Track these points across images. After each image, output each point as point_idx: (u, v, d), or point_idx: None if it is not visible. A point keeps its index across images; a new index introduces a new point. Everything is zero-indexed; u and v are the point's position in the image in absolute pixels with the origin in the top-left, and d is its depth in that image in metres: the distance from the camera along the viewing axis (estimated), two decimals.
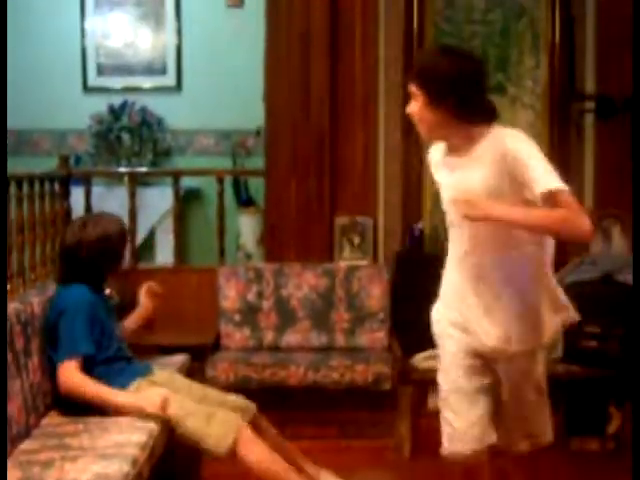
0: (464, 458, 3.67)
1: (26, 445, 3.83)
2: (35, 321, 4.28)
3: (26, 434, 3.93)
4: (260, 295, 5.68)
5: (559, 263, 5.67)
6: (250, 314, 5.66)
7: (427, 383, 5.18)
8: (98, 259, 4.33)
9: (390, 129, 5.89)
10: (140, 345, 5.48)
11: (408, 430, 5.12)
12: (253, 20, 6.29)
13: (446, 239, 5.43)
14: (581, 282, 5.32)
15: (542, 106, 5.94)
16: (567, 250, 5.82)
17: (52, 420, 4.20)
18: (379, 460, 5.11)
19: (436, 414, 5.10)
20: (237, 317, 5.66)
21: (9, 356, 3.84)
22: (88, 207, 6.10)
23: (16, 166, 6.41)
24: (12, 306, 4.11)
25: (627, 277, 5.24)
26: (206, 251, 6.75)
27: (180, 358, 5.20)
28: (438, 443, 5.06)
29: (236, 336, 5.68)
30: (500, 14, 5.92)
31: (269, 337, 5.62)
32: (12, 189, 4.99)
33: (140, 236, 6.39)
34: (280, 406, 5.15)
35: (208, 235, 6.64)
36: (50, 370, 4.27)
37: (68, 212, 5.94)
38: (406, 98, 5.65)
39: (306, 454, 4.95)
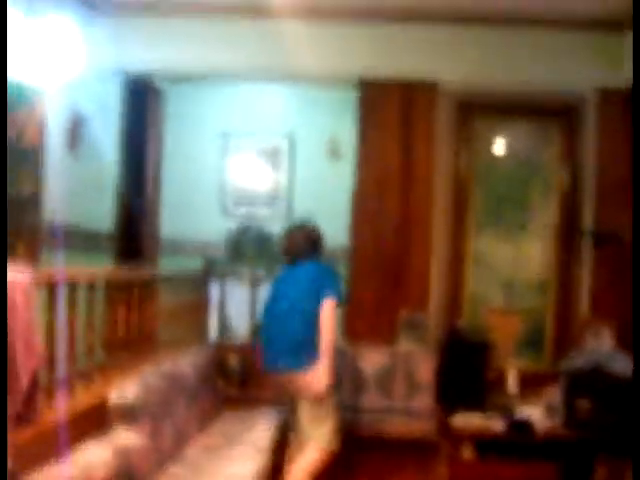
0: None
1: (173, 470, 3.90)
2: (183, 378, 4.42)
3: (172, 461, 4.00)
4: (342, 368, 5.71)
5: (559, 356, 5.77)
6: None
7: (461, 437, 5.26)
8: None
9: (441, 252, 5.97)
10: (252, 399, 5.67)
11: (446, 473, 5.11)
12: (348, 170, 6.37)
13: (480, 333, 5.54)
14: (576, 369, 5.36)
15: (553, 238, 6.03)
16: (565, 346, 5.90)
17: (192, 452, 4.27)
18: None
19: (468, 462, 5.21)
20: None
21: (164, 405, 4.03)
22: (222, 298, 6.23)
23: (171, 265, 6.70)
24: (168, 368, 4.30)
25: (612, 368, 5.28)
26: None
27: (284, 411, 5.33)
28: None
29: None
30: (525, 171, 6.09)
31: (346, 398, 5.55)
32: (166, 284, 5.12)
33: (256, 320, 6.51)
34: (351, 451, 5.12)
35: None
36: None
37: (207, 301, 6.07)
38: (454, 230, 5.95)
39: None
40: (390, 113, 5.91)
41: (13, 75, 4.62)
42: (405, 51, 5.92)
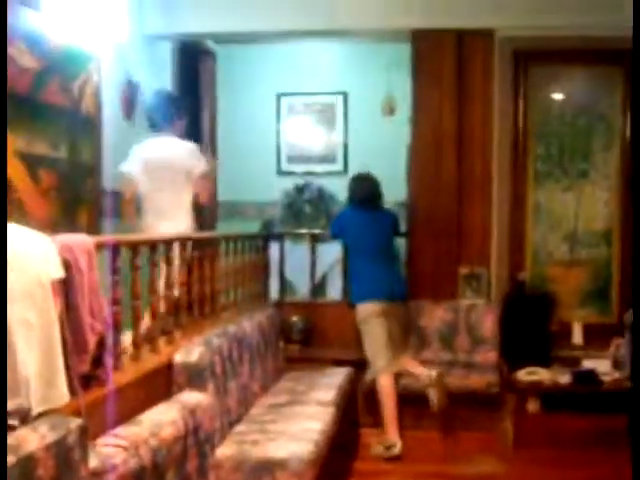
0: None
1: (239, 428, 3.97)
2: (246, 339, 4.43)
3: (238, 420, 4.08)
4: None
5: (625, 307, 5.64)
6: None
7: (526, 391, 5.25)
8: None
9: (500, 205, 5.90)
10: (316, 358, 5.71)
11: (511, 426, 5.14)
12: (402, 125, 6.38)
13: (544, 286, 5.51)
14: None
15: (616, 187, 5.88)
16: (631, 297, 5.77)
17: (257, 410, 4.34)
18: (489, 448, 5.10)
19: (533, 415, 5.19)
20: None
21: (228, 365, 4.09)
22: (282, 257, 6.20)
23: (229, 228, 6.72)
24: (231, 329, 4.37)
25: None
26: None
27: (346, 369, 5.38)
28: (535, 436, 5.14)
29: None
30: (585, 119, 5.91)
31: (411, 354, 5.56)
32: (227, 246, 5.07)
33: (316, 279, 6.54)
34: (416, 405, 5.18)
35: None
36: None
37: (267, 262, 6.05)
38: (514, 181, 5.86)
39: (434, 442, 5.08)
40: (445, 64, 5.83)
41: (69, 42, 4.66)
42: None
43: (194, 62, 7.14)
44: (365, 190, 5.35)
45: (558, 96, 5.99)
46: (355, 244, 5.34)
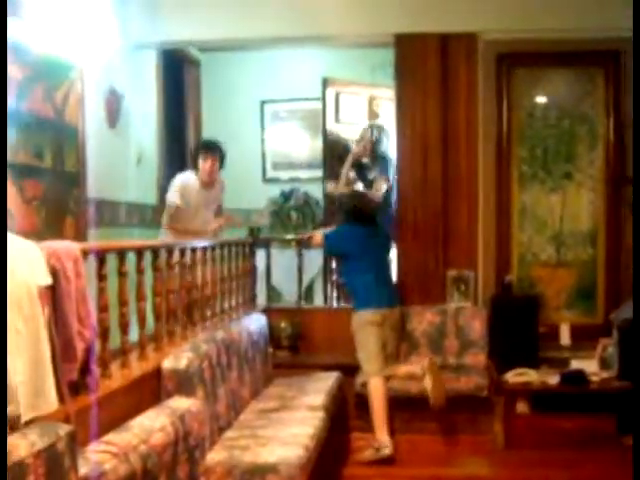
0: None
1: (229, 434, 3.98)
2: (235, 344, 4.42)
3: (228, 426, 4.09)
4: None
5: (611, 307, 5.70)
6: None
7: (515, 393, 5.27)
8: None
9: (487, 206, 5.93)
10: (305, 364, 5.71)
11: (501, 428, 5.16)
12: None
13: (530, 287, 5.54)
14: (630, 319, 5.30)
15: (600, 188, 5.91)
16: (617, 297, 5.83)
17: (247, 416, 4.35)
18: (480, 450, 5.12)
19: (522, 416, 5.21)
20: None
21: (217, 371, 4.09)
22: (268, 263, 6.21)
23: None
24: (219, 335, 4.38)
25: None
26: None
27: (335, 374, 5.39)
28: (525, 438, 5.16)
29: None
30: (568, 121, 5.96)
31: (400, 359, 5.56)
32: (213, 253, 5.06)
33: (304, 285, 6.52)
34: (407, 408, 5.23)
35: None
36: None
37: (254, 267, 6.06)
38: (498, 184, 5.89)
39: (425, 445, 5.09)
40: (429, 68, 5.84)
41: (52, 50, 4.66)
42: (441, 3, 5.82)
43: (179, 71, 7.16)
44: (367, 208, 5.56)
45: (541, 99, 6.00)
46: (357, 259, 5.36)
